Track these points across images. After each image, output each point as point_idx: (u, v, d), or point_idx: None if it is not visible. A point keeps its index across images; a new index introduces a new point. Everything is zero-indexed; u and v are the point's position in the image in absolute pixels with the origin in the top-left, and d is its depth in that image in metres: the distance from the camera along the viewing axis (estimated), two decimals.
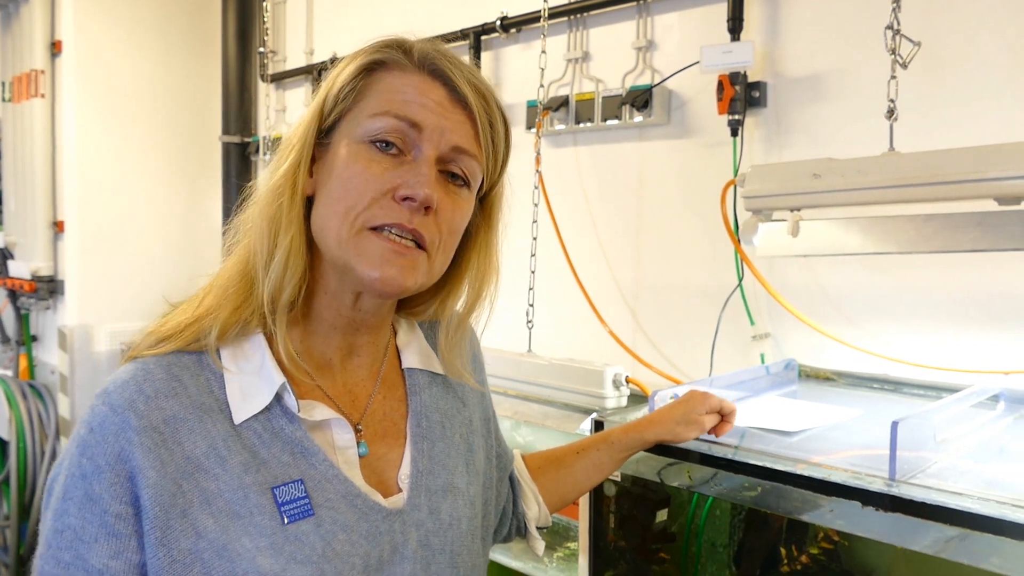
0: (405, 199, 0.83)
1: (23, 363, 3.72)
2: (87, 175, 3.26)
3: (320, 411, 0.87)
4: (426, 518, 0.91)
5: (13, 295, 3.69)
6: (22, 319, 3.70)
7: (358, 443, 0.90)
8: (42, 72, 3.39)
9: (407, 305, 1.00)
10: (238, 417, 0.83)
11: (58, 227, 3.42)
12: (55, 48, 3.39)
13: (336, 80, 0.88)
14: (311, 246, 0.88)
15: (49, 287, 3.43)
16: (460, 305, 0.99)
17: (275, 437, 0.84)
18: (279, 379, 0.85)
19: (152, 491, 0.77)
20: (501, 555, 1.89)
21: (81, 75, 3.24)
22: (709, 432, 1.21)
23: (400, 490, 0.91)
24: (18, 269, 3.51)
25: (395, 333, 1.01)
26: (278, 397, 0.85)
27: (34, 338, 3.73)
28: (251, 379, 0.85)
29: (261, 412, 0.84)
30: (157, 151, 3.40)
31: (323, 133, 0.88)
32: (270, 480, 0.82)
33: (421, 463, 0.94)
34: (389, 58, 0.87)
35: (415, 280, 0.85)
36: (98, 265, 3.30)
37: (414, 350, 1.01)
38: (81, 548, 0.77)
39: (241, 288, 0.87)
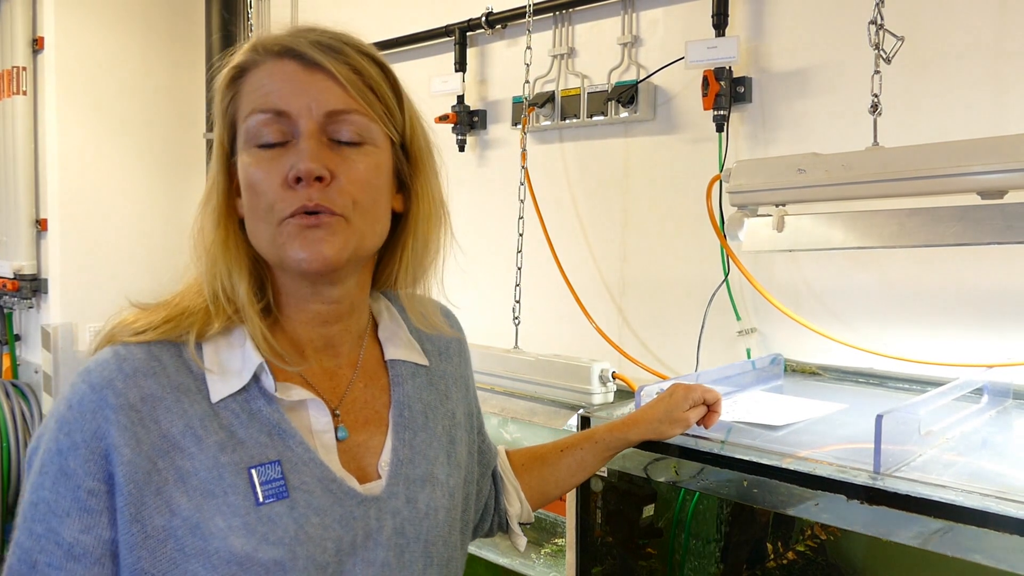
0: (297, 180, 0.83)
1: (6, 362, 3.68)
2: (70, 173, 3.23)
3: (297, 392, 0.88)
4: (403, 506, 0.91)
5: None
6: (5, 318, 3.67)
7: (336, 427, 0.90)
8: (24, 69, 3.36)
9: (379, 279, 0.99)
10: (215, 396, 0.84)
11: (41, 225, 3.39)
12: (37, 45, 3.35)
13: (216, 101, 0.90)
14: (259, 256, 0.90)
15: (32, 286, 3.40)
16: (412, 257, 0.98)
17: (252, 418, 0.85)
18: (257, 359, 0.86)
19: (126, 468, 0.78)
20: (489, 552, 1.89)
21: (63, 72, 3.21)
22: (697, 424, 1.21)
23: (379, 477, 0.92)
24: (0, 268, 3.48)
25: (376, 325, 1.01)
26: (256, 379, 0.86)
27: (17, 337, 3.70)
28: (230, 361, 0.86)
29: (239, 392, 0.85)
30: (140, 148, 3.37)
31: (231, 154, 0.90)
32: (247, 460, 0.83)
33: (402, 452, 0.94)
34: (244, 61, 0.88)
35: (341, 246, 0.84)
36: (81, 263, 3.27)
37: (397, 342, 1.01)
38: (53, 521, 0.79)
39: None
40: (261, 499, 0.81)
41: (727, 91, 1.83)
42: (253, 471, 0.82)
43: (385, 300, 1.03)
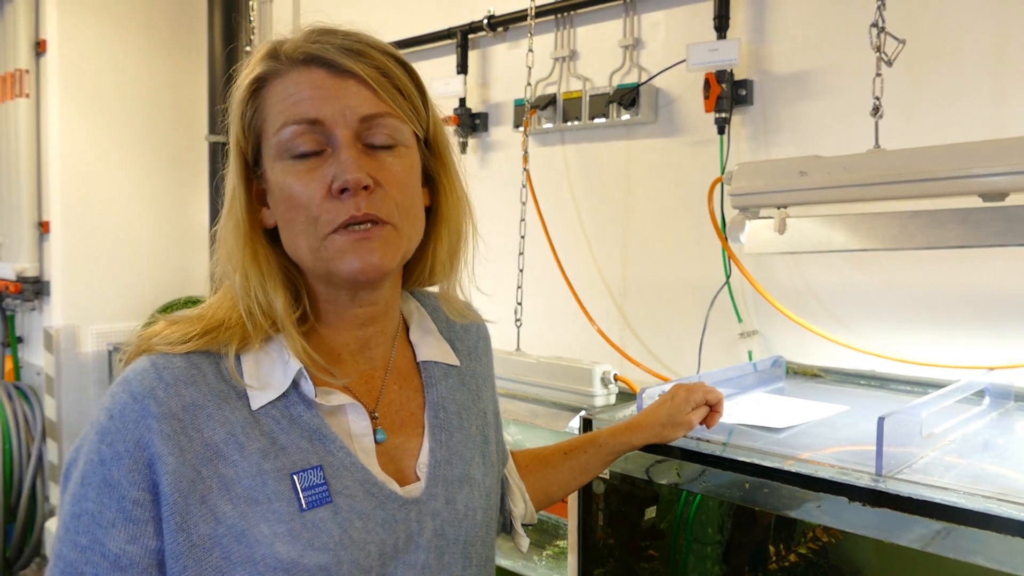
0: (342, 191, 0.82)
1: (8, 364, 3.69)
2: (72, 175, 3.24)
3: (337, 397, 0.88)
4: (442, 508, 0.91)
5: None
6: (7, 320, 3.67)
7: (375, 430, 0.91)
8: (26, 72, 3.36)
9: (408, 277, 1.00)
10: (256, 403, 0.84)
11: (43, 227, 3.39)
12: (40, 47, 3.36)
13: (235, 113, 0.88)
14: (292, 264, 0.89)
15: (34, 288, 3.40)
16: (447, 248, 0.98)
17: (293, 423, 0.85)
18: (296, 365, 0.86)
19: (171, 477, 0.78)
20: None
21: (66, 74, 3.22)
22: (700, 424, 1.22)
23: (418, 479, 0.92)
24: (3, 270, 3.49)
25: (407, 328, 1.01)
26: (295, 384, 0.86)
27: (19, 339, 3.70)
28: (269, 368, 0.86)
29: (279, 399, 0.85)
30: (143, 150, 3.38)
31: (255, 165, 0.89)
32: (289, 466, 0.82)
33: (439, 453, 0.94)
34: (265, 71, 0.87)
35: (394, 255, 0.86)
36: (84, 266, 3.28)
37: (429, 343, 1.01)
38: (99, 532, 0.78)
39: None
40: (304, 505, 0.81)
41: (728, 93, 1.83)
42: (296, 477, 0.82)
43: (415, 301, 1.04)
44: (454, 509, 0.92)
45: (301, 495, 0.82)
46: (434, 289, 1.05)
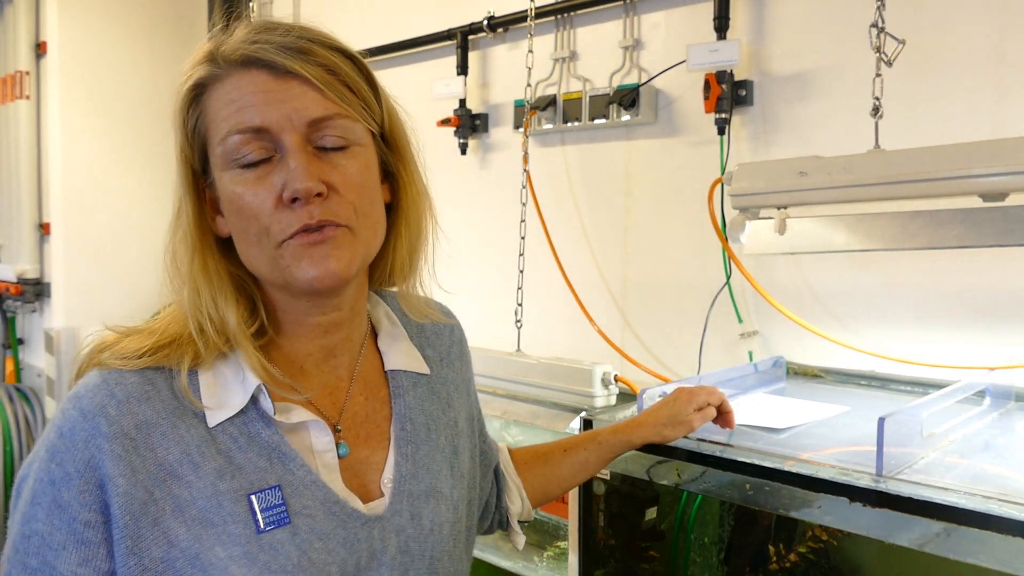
0: (294, 200, 0.79)
1: (9, 366, 3.69)
2: (73, 177, 3.24)
3: (297, 413, 0.85)
4: (407, 524, 0.89)
5: None
6: (8, 322, 3.68)
7: (337, 444, 0.88)
8: (27, 73, 3.37)
9: (373, 275, 0.96)
10: (212, 421, 0.81)
11: (44, 229, 3.39)
12: (40, 49, 3.37)
13: (176, 121, 0.85)
14: (247, 274, 0.86)
15: (35, 290, 3.40)
16: (406, 246, 0.94)
17: (251, 442, 0.82)
18: (254, 381, 0.82)
19: (122, 499, 0.76)
20: (491, 555, 1.89)
21: (66, 76, 3.22)
22: (714, 423, 1.22)
23: (382, 494, 0.89)
24: (3, 271, 3.49)
25: (375, 335, 0.98)
26: (254, 400, 0.83)
27: (20, 341, 3.70)
28: (226, 384, 0.83)
29: (237, 416, 0.82)
30: (143, 152, 3.38)
31: (203, 173, 0.86)
32: (246, 486, 0.80)
33: (405, 467, 0.92)
34: (204, 76, 0.83)
35: (352, 261, 0.82)
36: (84, 267, 3.28)
37: (398, 351, 0.98)
38: (49, 555, 0.76)
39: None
40: (262, 527, 0.79)
41: (728, 94, 1.83)
42: (253, 498, 0.79)
43: (384, 306, 1.00)
44: (419, 525, 0.90)
45: (259, 516, 0.79)
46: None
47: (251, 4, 3.19)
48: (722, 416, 1.22)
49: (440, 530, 0.92)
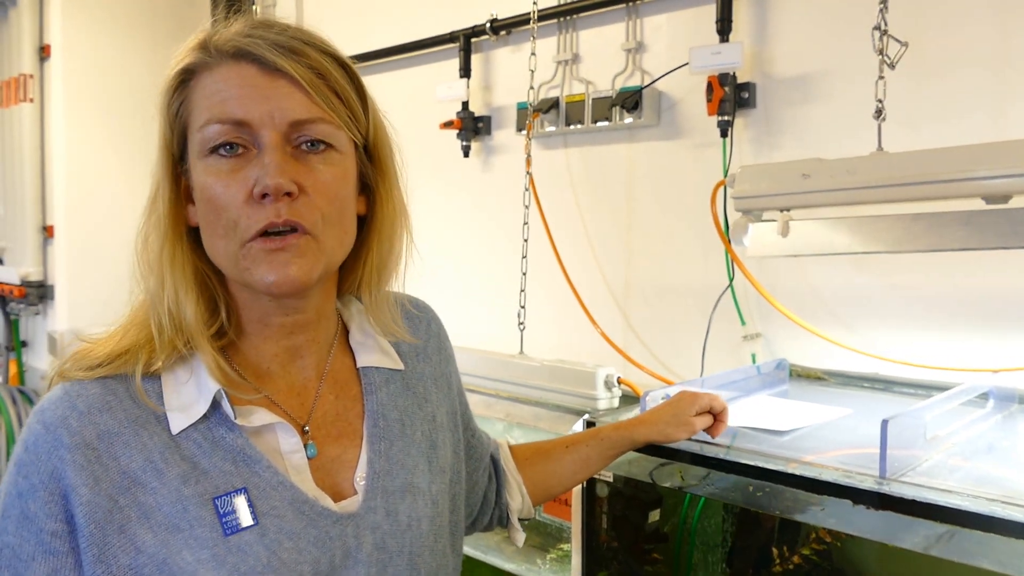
0: (264, 196, 0.78)
1: (13, 369, 3.69)
2: (76, 180, 3.24)
3: (260, 416, 0.85)
4: (382, 520, 0.88)
5: (2, 300, 3.67)
6: (11, 325, 3.68)
7: (305, 445, 0.87)
8: (31, 76, 3.37)
9: (343, 283, 0.96)
10: (176, 427, 0.81)
11: (48, 232, 3.40)
12: (44, 52, 3.37)
13: (160, 104, 0.84)
14: (213, 272, 0.86)
15: (39, 292, 3.41)
16: (375, 262, 0.94)
17: (215, 446, 0.82)
18: (214, 386, 0.82)
19: (86, 508, 0.76)
20: (494, 556, 1.89)
21: (70, 79, 3.23)
22: (704, 432, 1.22)
23: (355, 492, 0.89)
24: (7, 274, 3.49)
25: (347, 332, 0.97)
26: (217, 405, 0.83)
27: (24, 343, 3.71)
28: (188, 390, 0.83)
29: (200, 421, 0.82)
30: (146, 154, 3.35)
31: (181, 159, 0.85)
32: (211, 491, 0.80)
33: (378, 464, 0.91)
34: (193, 62, 0.82)
35: (312, 268, 0.81)
36: (88, 270, 3.28)
37: (369, 348, 0.97)
38: (19, 567, 0.77)
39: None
40: (228, 529, 0.79)
41: (731, 96, 1.83)
42: (217, 501, 0.79)
43: (357, 304, 0.99)
44: (396, 521, 0.89)
45: (223, 519, 0.79)
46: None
47: (254, 7, 3.20)
48: (714, 424, 1.22)
49: (418, 525, 0.91)
